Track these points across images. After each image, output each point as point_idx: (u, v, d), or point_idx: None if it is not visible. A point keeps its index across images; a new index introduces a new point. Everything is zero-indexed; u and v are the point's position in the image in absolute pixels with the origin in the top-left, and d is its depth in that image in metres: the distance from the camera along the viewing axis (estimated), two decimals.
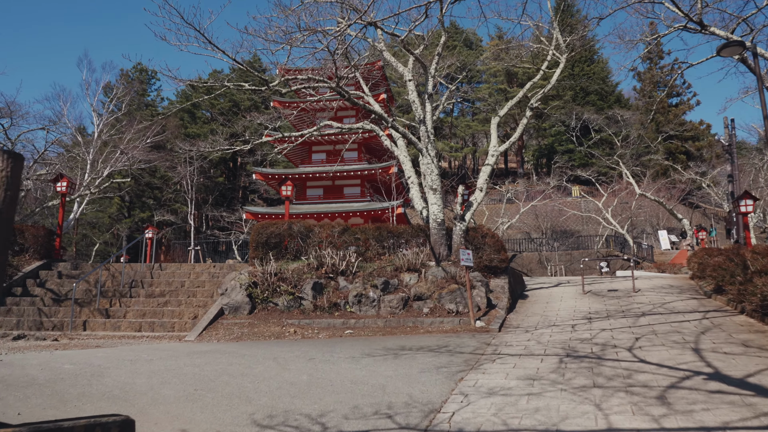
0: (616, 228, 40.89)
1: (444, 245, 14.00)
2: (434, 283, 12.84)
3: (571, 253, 44.19)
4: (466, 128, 56.18)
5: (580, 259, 43.22)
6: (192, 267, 15.25)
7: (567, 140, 60.16)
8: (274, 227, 14.45)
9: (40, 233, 15.08)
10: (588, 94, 66.07)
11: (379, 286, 12.72)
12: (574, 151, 60.61)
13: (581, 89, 66.36)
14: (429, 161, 14.08)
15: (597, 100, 65.20)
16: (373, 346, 9.51)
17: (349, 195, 34.89)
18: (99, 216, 49.12)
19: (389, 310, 12.41)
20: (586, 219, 52.27)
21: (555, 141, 63.90)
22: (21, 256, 14.86)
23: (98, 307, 12.67)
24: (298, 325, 11.79)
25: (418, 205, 15.21)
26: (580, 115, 53.37)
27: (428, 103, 14.35)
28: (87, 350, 8.77)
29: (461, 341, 9.93)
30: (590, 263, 43.06)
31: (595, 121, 52.86)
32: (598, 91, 67.06)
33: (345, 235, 14.65)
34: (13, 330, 11.99)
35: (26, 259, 14.78)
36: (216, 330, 11.52)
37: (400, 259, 13.46)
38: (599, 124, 52.54)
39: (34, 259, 14.95)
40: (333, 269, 13.20)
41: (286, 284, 12.65)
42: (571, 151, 61.71)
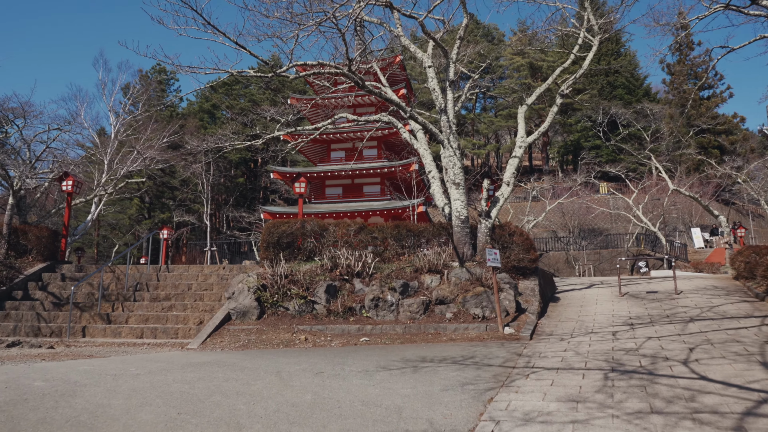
0: (647, 226, 39.20)
1: (468, 244, 12.95)
2: (458, 286, 11.80)
3: (600, 252, 42.64)
4: (489, 124, 54.82)
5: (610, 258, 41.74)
6: (200, 269, 14.45)
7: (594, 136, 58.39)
8: (285, 226, 13.56)
9: (44, 234, 14.43)
10: (615, 87, 64.13)
11: (398, 289, 11.72)
12: (601, 147, 58.87)
13: (608, 83, 64.50)
14: (451, 153, 13.04)
15: (624, 94, 63.24)
16: (390, 356, 8.53)
17: (368, 194, 33.95)
18: (119, 217, 49.06)
19: (409, 315, 11.40)
20: (614, 217, 50.55)
21: (581, 137, 62.13)
22: (24, 258, 14.24)
23: (99, 312, 11.92)
24: (310, 332, 10.86)
25: (439, 202, 14.17)
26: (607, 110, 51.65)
27: (449, 91, 13.31)
28: (74, 361, 7.96)
29: (489, 351, 8.89)
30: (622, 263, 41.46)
31: (623, 115, 51.10)
32: (625, 85, 65.09)
33: (362, 234, 13.69)
34: (9, 336, 11.30)
35: (29, 261, 14.14)
36: (221, 337, 10.66)
37: (421, 260, 12.45)
38: (627, 118, 50.76)
39: (38, 261, 14.31)
40: (348, 271, 12.25)
41: (298, 287, 11.74)
42: (597, 147, 59.95)
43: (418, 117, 12.57)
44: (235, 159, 60.28)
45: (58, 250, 15.16)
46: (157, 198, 50.63)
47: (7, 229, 14.02)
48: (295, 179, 16.56)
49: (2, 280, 12.91)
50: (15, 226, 14.47)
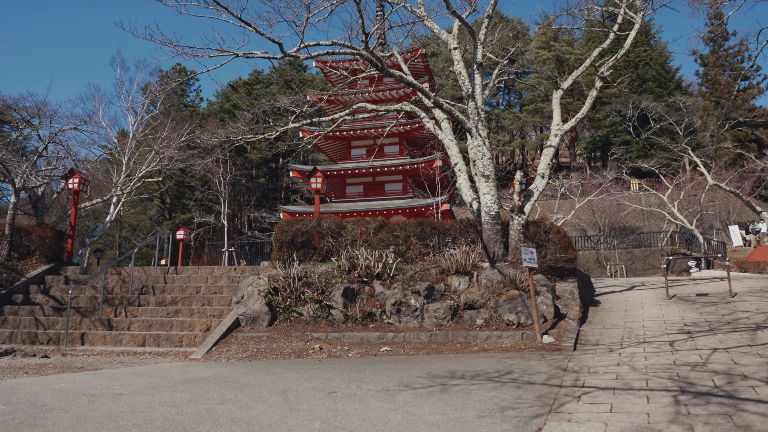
0: (683, 223, 37.36)
1: (499, 243, 11.78)
2: (489, 289, 10.65)
3: (632, 251, 40.89)
4: (514, 120, 53.28)
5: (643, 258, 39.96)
6: (210, 270, 13.54)
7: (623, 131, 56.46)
8: (300, 224, 12.56)
9: (48, 234, 13.68)
10: (645, 81, 61.97)
11: (422, 293, 10.62)
12: (630, 143, 56.89)
13: (638, 76, 62.35)
14: (479, 143, 11.89)
15: (655, 87, 61.04)
16: (414, 371, 7.43)
17: (390, 192, 32.88)
18: (140, 219, 48.86)
19: (434, 322, 10.29)
20: (647, 214, 48.68)
21: (610, 132, 60.16)
22: (27, 259, 13.50)
23: (100, 318, 11.07)
24: (325, 340, 9.83)
25: (467, 197, 13.04)
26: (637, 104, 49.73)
27: (477, 75, 12.16)
28: (56, 376, 7.06)
29: (528, 365, 7.74)
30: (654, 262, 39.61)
31: (654, 109, 49.10)
32: (655, 78, 62.85)
33: (382, 232, 12.62)
34: (3, 343, 10.50)
35: (32, 263, 13.40)
36: (228, 345, 9.68)
37: (447, 260, 11.32)
38: (658, 112, 48.76)
39: (41, 263, 13.56)
40: (367, 272, 11.19)
41: (312, 290, 10.72)
42: (627, 143, 57.98)
43: (443, 103, 11.46)
44: (256, 159, 59.81)
45: (64, 251, 14.42)
46: (178, 199, 50.32)
47: (9, 229, 13.31)
48: (310, 175, 15.60)
49: (2, 283, 12.17)
50: (18, 226, 13.77)
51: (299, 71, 70.56)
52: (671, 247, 40.19)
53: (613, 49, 22.04)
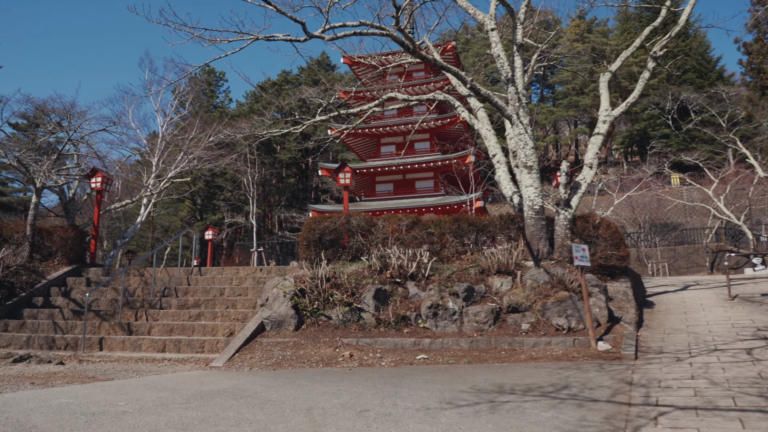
0: (730, 218, 35.44)
1: (544, 239, 10.81)
2: (534, 290, 9.70)
3: (675, 248, 39.13)
4: (548, 114, 51.71)
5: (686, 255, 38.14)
6: (236, 271, 12.90)
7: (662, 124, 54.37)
8: (328, 221, 11.82)
9: (70, 235, 13.25)
10: (684, 71, 59.57)
11: (461, 294, 9.74)
12: (670, 136, 54.76)
13: (676, 67, 59.96)
14: (521, 131, 10.93)
15: (695, 77, 58.62)
16: (456, 384, 6.57)
17: (421, 189, 31.98)
18: (172, 220, 49.05)
19: (475, 326, 9.40)
20: (689, 210, 46.64)
21: (648, 125, 57.99)
22: (48, 261, 13.10)
23: (120, 321, 10.51)
24: (356, 346, 9.03)
25: (507, 190, 12.10)
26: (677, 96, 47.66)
27: (517, 57, 11.21)
28: (61, 388, 6.44)
29: (586, 377, 6.79)
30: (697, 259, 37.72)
31: (695, 100, 46.98)
32: (695, 68, 60.35)
33: (415, 229, 11.79)
34: (20, 349, 10.04)
35: (53, 265, 12.99)
36: (251, 352, 8.98)
37: (487, 259, 10.41)
38: (700, 103, 46.64)
39: (63, 265, 13.14)
40: (400, 272, 10.36)
41: (341, 292, 9.94)
42: (667, 136, 55.84)
43: (481, 89, 10.54)
44: (286, 159, 59.60)
45: (86, 252, 13.99)
46: (208, 200, 50.38)
47: (30, 230, 12.92)
48: (339, 170, 14.87)
49: (22, 285, 11.75)
50: (40, 226, 13.39)
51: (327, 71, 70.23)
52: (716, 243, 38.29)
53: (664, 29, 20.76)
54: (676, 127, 48.75)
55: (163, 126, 30.92)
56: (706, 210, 40.08)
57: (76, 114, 24.34)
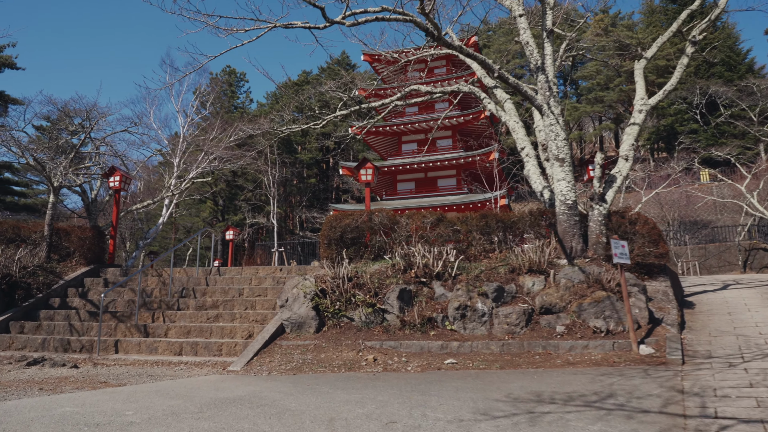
0: (764, 215, 34.16)
1: (577, 236, 10.22)
2: (569, 290, 9.12)
3: (706, 246, 37.90)
4: (572, 111, 50.57)
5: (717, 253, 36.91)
6: (255, 271, 12.54)
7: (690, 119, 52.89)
8: (349, 219, 11.37)
9: (88, 235, 13.02)
10: (712, 65, 57.86)
11: (490, 295, 9.20)
12: (698, 131, 53.20)
13: (704, 61, 58.30)
14: (552, 121, 10.35)
15: (724, 71, 56.85)
16: (490, 391, 6.06)
17: (443, 187, 31.39)
18: (194, 221, 49.21)
19: (505, 329, 8.85)
20: (720, 207, 45.25)
21: (675, 120, 56.41)
22: (66, 261, 12.89)
23: (137, 323, 10.20)
24: (380, 349, 8.56)
25: (537, 185, 11.53)
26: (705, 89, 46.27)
27: (547, 44, 10.63)
28: (69, 395, 6.08)
29: (632, 384, 6.22)
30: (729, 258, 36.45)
31: (724, 94, 45.55)
32: (724, 61, 58.57)
33: (440, 226, 11.27)
34: (35, 351, 9.79)
35: (71, 265, 12.77)
36: (271, 355, 8.56)
37: (518, 257, 9.86)
38: (729, 97, 45.19)
39: (80, 265, 12.92)
40: (426, 272, 9.86)
41: (364, 292, 9.48)
42: (695, 131, 54.28)
43: (509, 77, 9.99)
44: (307, 159, 59.47)
45: (105, 252, 13.76)
46: (230, 200, 50.43)
47: (48, 230, 12.72)
48: (360, 166, 14.43)
49: (39, 286, 11.53)
50: (57, 227, 13.18)
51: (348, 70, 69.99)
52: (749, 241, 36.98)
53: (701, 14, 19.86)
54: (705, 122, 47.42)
55: (184, 126, 30.89)
56: (737, 207, 38.82)
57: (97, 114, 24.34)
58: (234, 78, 56.47)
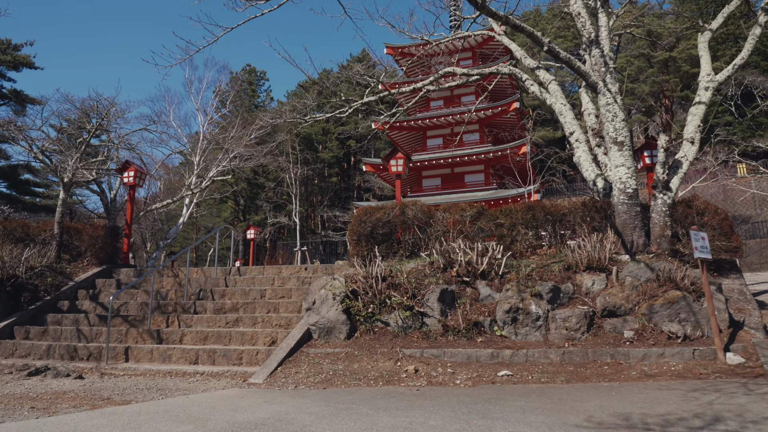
0: None
1: (639, 229, 9.04)
2: (636, 289, 7.96)
3: (746, 242, 36.07)
4: None
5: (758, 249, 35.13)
6: (278, 270, 11.57)
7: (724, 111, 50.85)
8: (380, 212, 10.34)
9: (100, 234, 12.19)
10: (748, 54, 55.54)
11: (545, 296, 8.09)
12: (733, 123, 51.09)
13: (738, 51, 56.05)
14: (609, 100, 9.19)
15: (760, 60, 54.54)
16: (564, 413, 4.96)
17: (471, 183, 30.22)
18: (215, 221, 48.69)
19: (564, 335, 7.73)
20: (759, 201, 43.28)
21: (708, 113, 54.33)
22: (77, 261, 12.08)
23: (149, 328, 9.30)
24: (421, 359, 7.50)
25: (588, 173, 10.36)
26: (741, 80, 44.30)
27: (602, 14, 9.47)
28: (60, 417, 5.15)
29: (737, 403, 5.08)
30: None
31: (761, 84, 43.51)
32: (760, 50, 56.23)
33: (481, 220, 10.17)
34: (39, 359, 8.94)
35: (82, 266, 11.96)
36: (297, 365, 7.56)
37: (574, 253, 8.71)
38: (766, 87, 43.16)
39: (92, 265, 12.10)
40: (468, 270, 8.77)
41: (400, 293, 8.43)
42: (729, 124, 52.13)
43: (560, 51, 8.85)
44: (328, 158, 58.67)
45: (119, 251, 12.93)
46: (251, 200, 49.83)
47: (58, 228, 11.92)
48: (390, 157, 13.39)
49: (47, 288, 10.72)
50: (68, 225, 12.39)
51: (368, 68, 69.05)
52: None
53: None
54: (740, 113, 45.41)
55: (204, 124, 30.28)
56: None
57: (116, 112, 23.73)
58: (254, 77, 55.89)
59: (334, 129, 60.11)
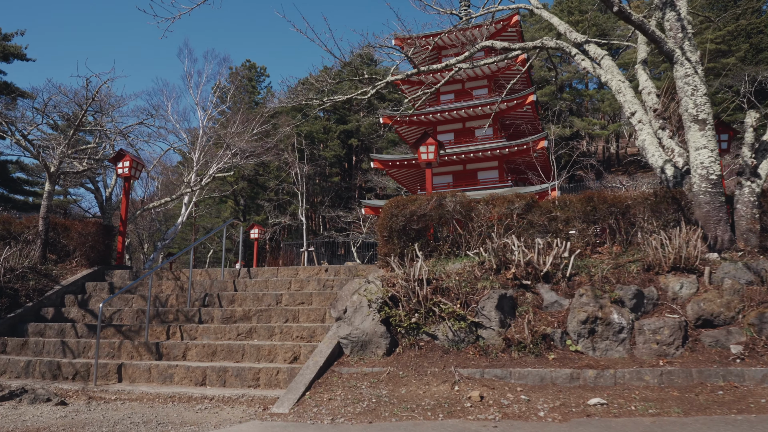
0: None
1: (723, 222, 7.66)
2: (737, 294, 6.56)
3: None
4: (613, 100, 47.49)
5: None
6: (294, 272, 10.16)
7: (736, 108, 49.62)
8: (415, 205, 8.94)
9: (91, 231, 10.73)
10: (760, 51, 54.39)
11: (628, 302, 6.69)
12: None
13: (751, 46, 54.91)
14: (689, 71, 7.82)
15: None
16: None
17: (484, 180, 28.83)
18: (214, 221, 47.24)
19: (654, 350, 6.33)
20: None
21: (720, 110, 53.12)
22: (65, 262, 10.65)
23: (147, 341, 7.87)
24: (482, 381, 6.09)
25: (655, 159, 8.99)
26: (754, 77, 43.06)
27: None
28: None
29: None
30: None
31: None
32: None
33: (531, 213, 8.77)
34: (16, 378, 7.54)
35: (71, 267, 10.53)
36: (329, 390, 6.14)
37: (653, 251, 7.31)
38: None
39: (82, 267, 10.66)
40: (528, 272, 7.37)
41: (449, 299, 7.02)
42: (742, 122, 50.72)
43: (632, 12, 7.47)
44: (330, 157, 57.30)
45: (112, 251, 11.50)
46: (252, 199, 48.39)
47: (43, 224, 10.48)
48: (420, 142, 11.98)
49: (29, 293, 9.29)
50: (55, 221, 10.96)
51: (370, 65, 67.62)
52: None
53: None
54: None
55: (203, 120, 28.91)
56: None
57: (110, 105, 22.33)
58: (254, 72, 54.44)
59: (336, 127, 58.73)
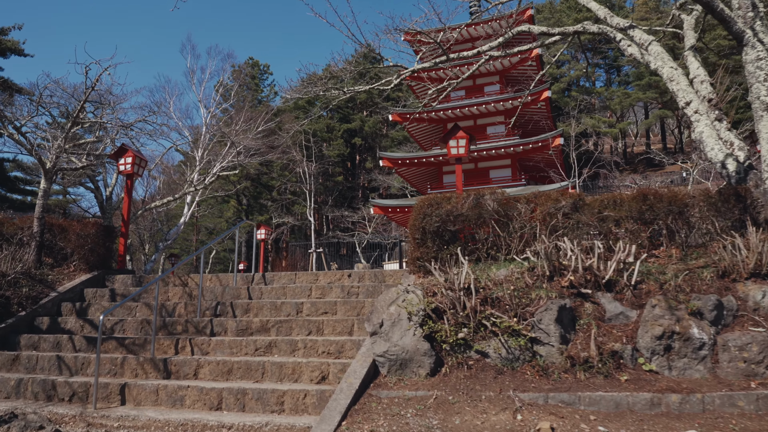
0: None
1: None
2: None
3: None
4: (622, 98, 46.63)
5: None
6: (314, 277, 9.29)
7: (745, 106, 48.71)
8: (450, 204, 8.08)
9: (90, 232, 9.86)
10: None
11: (707, 314, 5.82)
12: None
13: None
14: (761, 53, 6.97)
15: None
16: None
17: (496, 179, 27.99)
18: (217, 222, 46.40)
19: (742, 369, 5.47)
20: None
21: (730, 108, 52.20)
22: (62, 266, 9.79)
23: (153, 356, 7.01)
24: (547, 407, 5.23)
25: (715, 152, 8.13)
26: None
27: None
28: None
29: None
30: None
31: None
32: None
33: (579, 213, 7.91)
34: (6, 399, 6.68)
35: (69, 271, 9.67)
36: (369, 419, 5.28)
37: (729, 255, 6.45)
38: None
39: (81, 271, 9.80)
40: (587, 279, 6.50)
41: (501, 311, 6.15)
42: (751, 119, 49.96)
43: None
44: (333, 156, 56.44)
45: (113, 254, 10.63)
46: (255, 199, 47.53)
47: (38, 225, 9.62)
48: (449, 136, 11.11)
49: (21, 300, 8.43)
50: (52, 222, 10.10)
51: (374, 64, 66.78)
52: None
53: None
54: None
55: (206, 117, 28.08)
56: None
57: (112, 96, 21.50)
58: (257, 70, 53.58)
59: (339, 126, 57.84)
